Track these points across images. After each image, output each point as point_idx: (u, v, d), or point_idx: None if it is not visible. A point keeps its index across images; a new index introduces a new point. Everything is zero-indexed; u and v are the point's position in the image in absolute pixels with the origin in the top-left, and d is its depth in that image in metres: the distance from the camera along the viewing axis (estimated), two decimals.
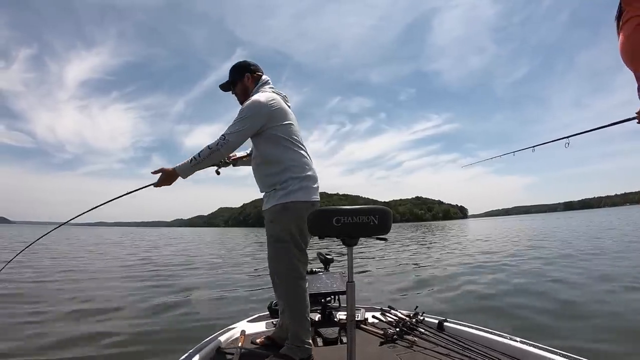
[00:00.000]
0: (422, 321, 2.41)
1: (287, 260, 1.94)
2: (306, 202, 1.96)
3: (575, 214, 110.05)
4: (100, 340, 3.73)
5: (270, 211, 1.99)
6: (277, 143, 1.98)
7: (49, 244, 19.64)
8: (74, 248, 18.46)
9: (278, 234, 1.96)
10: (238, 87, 2.17)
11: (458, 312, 4.49)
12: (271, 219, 1.99)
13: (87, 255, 14.26)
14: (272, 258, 2.00)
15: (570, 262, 8.36)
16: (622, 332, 3.54)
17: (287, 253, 1.94)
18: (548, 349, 1.76)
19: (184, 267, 10.40)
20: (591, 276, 6.42)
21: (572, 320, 3.99)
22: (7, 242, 22.28)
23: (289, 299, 1.96)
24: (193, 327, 4.25)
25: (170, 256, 14.37)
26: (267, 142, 1.99)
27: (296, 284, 1.94)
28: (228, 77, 2.21)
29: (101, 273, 9.04)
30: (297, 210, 1.93)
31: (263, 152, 2.02)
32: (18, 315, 4.68)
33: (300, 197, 1.95)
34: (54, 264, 10.90)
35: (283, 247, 1.94)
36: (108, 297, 5.99)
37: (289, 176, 1.95)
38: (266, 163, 2.02)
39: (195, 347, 2.01)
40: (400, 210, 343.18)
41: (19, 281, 7.36)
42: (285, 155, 1.98)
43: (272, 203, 1.98)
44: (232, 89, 2.21)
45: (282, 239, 1.95)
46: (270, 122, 1.97)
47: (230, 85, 2.21)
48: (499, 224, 44.43)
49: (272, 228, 1.99)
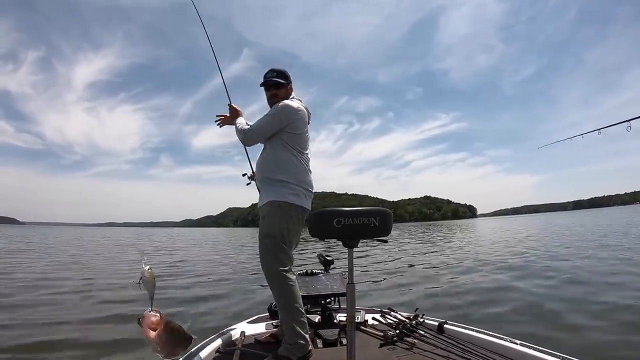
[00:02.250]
0: (422, 323, 2.40)
1: (274, 255, 2.02)
2: (298, 206, 2.08)
3: (591, 212, 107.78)
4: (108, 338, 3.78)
5: (265, 208, 2.10)
6: (286, 148, 2.12)
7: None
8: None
9: (268, 230, 2.04)
10: (282, 92, 2.25)
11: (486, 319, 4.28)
12: (264, 215, 2.09)
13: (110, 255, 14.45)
14: (262, 255, 2.06)
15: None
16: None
17: (275, 247, 2.02)
18: (548, 352, 1.75)
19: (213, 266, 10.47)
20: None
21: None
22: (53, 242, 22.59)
23: (280, 293, 2.02)
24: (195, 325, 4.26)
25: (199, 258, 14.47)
26: (278, 144, 2.13)
27: (284, 277, 2.00)
28: (278, 77, 2.25)
29: (111, 274, 9.15)
30: (289, 211, 2.06)
31: (272, 151, 2.15)
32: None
33: (294, 200, 2.07)
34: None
35: (271, 242, 2.02)
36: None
37: (287, 180, 2.08)
38: (272, 162, 2.13)
39: (195, 347, 2.02)
40: (409, 210, 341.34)
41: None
42: (290, 162, 2.11)
43: (267, 199, 2.09)
44: (276, 89, 2.25)
45: (271, 234, 2.03)
46: (289, 128, 2.12)
47: (279, 85, 2.25)
48: (519, 223, 43.30)
49: (264, 224, 2.07)
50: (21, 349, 3.61)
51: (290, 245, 2.11)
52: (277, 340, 2.14)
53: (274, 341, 2.16)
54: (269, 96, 2.26)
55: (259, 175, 2.24)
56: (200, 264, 11.51)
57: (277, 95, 2.23)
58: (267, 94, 2.27)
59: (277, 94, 2.23)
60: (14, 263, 11.33)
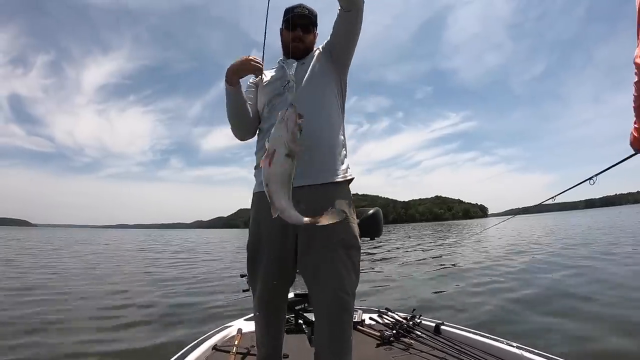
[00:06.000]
0: (419, 324, 2.39)
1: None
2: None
3: (609, 210, 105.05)
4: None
5: (344, 201, 1.40)
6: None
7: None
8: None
9: (357, 234, 1.41)
10: (310, 37, 1.57)
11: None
12: (343, 211, 1.24)
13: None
14: (348, 272, 1.34)
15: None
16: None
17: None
18: (544, 355, 1.74)
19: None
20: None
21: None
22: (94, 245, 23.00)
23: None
24: (188, 323, 4.34)
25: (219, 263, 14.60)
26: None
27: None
28: (312, 17, 1.56)
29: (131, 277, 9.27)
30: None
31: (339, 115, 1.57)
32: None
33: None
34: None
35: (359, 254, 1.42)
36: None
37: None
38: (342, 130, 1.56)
39: (190, 345, 2.04)
40: (420, 210, 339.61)
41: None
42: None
43: (345, 190, 1.45)
44: (304, 32, 1.54)
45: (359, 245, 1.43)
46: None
47: (309, 27, 1.56)
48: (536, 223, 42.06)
49: (349, 225, 1.38)
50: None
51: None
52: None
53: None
54: (291, 38, 1.51)
55: (331, 146, 1.45)
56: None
57: (302, 40, 1.53)
58: (289, 35, 1.52)
59: (302, 39, 1.53)
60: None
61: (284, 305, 1.53)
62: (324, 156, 1.40)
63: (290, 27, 1.51)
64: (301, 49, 1.52)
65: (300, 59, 1.52)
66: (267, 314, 1.46)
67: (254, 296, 1.47)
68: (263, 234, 1.42)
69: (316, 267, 1.33)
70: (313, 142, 1.35)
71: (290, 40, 1.50)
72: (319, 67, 1.49)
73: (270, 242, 1.40)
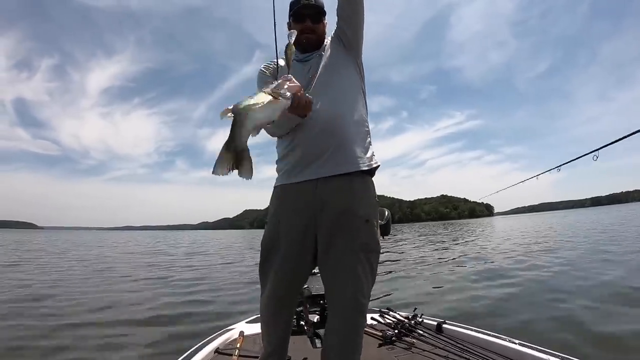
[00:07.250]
0: (421, 323, 2.38)
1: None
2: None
3: (618, 207, 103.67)
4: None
5: (374, 202, 1.44)
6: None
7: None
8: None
9: (379, 238, 1.43)
10: (321, 27, 1.51)
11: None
12: (370, 211, 1.38)
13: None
14: (367, 275, 1.35)
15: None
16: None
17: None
18: (546, 351, 1.73)
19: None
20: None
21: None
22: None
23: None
24: (192, 326, 4.34)
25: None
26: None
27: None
28: (319, 5, 1.51)
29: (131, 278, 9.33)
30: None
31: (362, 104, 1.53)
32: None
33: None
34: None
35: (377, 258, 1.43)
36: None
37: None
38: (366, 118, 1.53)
39: (193, 348, 2.04)
40: (426, 209, 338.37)
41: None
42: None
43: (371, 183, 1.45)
44: (314, 22, 1.48)
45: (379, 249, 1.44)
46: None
47: (319, 17, 1.50)
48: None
49: (371, 228, 1.39)
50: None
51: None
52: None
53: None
54: (300, 30, 1.43)
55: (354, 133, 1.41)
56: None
57: (313, 31, 1.48)
58: (297, 27, 1.45)
59: (313, 29, 1.48)
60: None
61: (295, 303, 1.53)
62: (351, 144, 1.37)
63: (299, 18, 1.48)
64: (313, 40, 1.48)
65: (315, 50, 1.50)
66: (277, 310, 1.45)
67: (263, 293, 1.45)
68: (282, 231, 1.39)
69: (336, 268, 1.33)
70: (339, 130, 1.35)
71: (300, 32, 1.42)
72: (335, 54, 1.48)
73: (289, 239, 1.38)
